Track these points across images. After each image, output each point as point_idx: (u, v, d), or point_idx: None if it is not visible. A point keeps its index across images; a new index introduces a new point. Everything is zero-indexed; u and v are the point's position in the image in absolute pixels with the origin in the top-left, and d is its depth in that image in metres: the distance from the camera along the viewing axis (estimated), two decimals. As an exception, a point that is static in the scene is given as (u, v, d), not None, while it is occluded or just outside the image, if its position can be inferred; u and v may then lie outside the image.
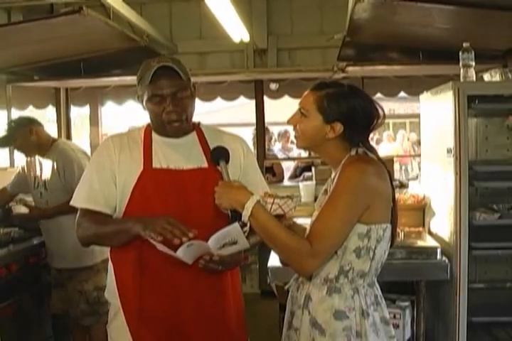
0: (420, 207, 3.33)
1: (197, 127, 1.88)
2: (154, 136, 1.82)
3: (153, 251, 1.57)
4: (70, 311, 3.16)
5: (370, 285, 1.64)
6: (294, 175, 5.79)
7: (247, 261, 4.56)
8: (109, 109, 6.33)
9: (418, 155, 4.00)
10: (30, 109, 5.48)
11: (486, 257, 3.13)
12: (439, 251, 2.79)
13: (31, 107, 5.34)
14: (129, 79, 4.36)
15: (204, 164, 1.79)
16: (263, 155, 5.12)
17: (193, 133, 1.85)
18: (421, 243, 2.95)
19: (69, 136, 5.26)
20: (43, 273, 3.30)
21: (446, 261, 2.76)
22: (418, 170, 6.12)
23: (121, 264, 1.78)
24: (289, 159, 6.62)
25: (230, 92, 5.26)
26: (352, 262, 1.58)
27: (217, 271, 1.68)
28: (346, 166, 1.58)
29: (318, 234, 1.53)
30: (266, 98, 5.15)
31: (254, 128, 5.76)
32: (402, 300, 2.89)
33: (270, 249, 1.70)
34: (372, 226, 1.57)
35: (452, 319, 2.73)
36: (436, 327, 3.06)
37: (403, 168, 10.39)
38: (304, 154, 5.49)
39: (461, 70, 2.74)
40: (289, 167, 6.13)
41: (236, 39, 4.35)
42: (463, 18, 3.24)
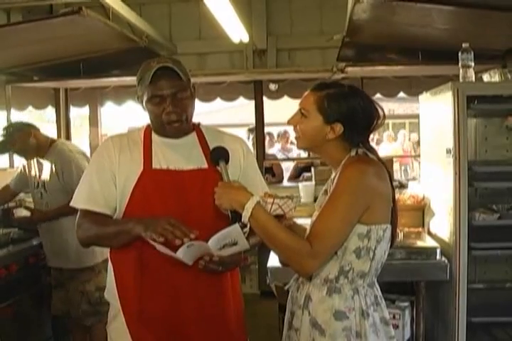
0: (420, 208, 3.33)
1: (197, 128, 1.88)
2: (154, 136, 1.82)
3: (154, 251, 1.57)
4: (71, 312, 3.16)
5: (370, 285, 1.64)
6: (293, 176, 5.78)
7: (247, 261, 4.56)
8: (109, 110, 6.34)
9: (418, 156, 4.00)
10: (30, 110, 5.48)
11: (486, 257, 3.14)
12: (438, 251, 2.80)
13: (31, 108, 5.33)
14: (128, 79, 4.37)
15: (204, 165, 1.79)
16: (262, 155, 5.12)
17: (192, 134, 1.85)
18: (420, 243, 2.96)
19: (68, 137, 5.24)
20: (43, 274, 3.30)
21: (446, 262, 2.76)
22: (419, 171, 6.12)
23: (121, 265, 1.78)
24: (289, 159, 6.63)
25: (229, 93, 5.25)
26: (352, 262, 1.58)
27: (217, 271, 1.68)
28: (346, 167, 1.58)
29: (319, 234, 1.53)
30: (265, 98, 5.13)
31: (247, 129, 5.77)
32: (402, 301, 2.90)
33: (270, 250, 1.70)
34: (373, 226, 1.57)
35: (452, 319, 2.73)
36: (435, 328, 3.06)
37: (403, 168, 10.39)
38: (304, 154, 5.49)
39: (461, 71, 2.74)
40: (288, 167, 6.13)
41: (235, 39, 4.34)
42: (462, 18, 3.24)
